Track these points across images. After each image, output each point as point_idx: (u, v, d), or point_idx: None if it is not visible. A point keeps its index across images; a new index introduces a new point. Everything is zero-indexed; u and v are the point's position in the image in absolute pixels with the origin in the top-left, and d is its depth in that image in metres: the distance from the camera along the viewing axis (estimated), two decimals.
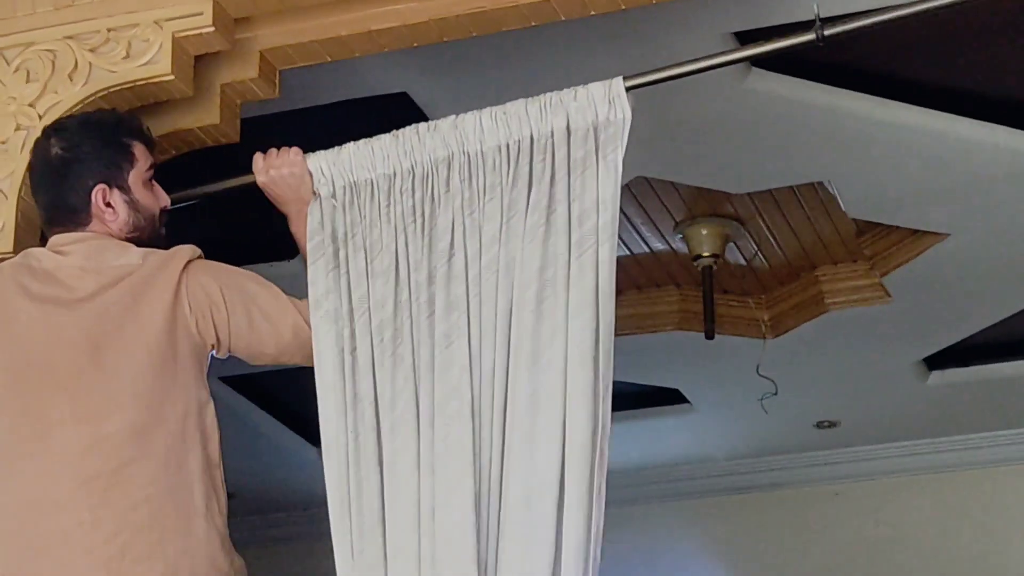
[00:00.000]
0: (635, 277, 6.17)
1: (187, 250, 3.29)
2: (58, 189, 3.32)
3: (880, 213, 5.56)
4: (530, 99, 3.29)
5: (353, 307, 3.26)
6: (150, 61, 3.46)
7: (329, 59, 3.65)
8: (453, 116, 3.34)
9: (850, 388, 6.88)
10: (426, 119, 4.61)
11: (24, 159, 3.44)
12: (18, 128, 3.48)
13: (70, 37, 3.51)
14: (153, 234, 3.36)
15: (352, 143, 3.40)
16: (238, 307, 3.25)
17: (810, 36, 3.33)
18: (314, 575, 4.14)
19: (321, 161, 3.41)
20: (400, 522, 3.10)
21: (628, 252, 5.93)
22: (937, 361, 6.76)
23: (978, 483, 7.47)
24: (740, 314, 6.31)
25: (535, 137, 3.28)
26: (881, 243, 5.88)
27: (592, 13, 3.54)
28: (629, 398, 6.85)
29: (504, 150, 3.29)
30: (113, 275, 3.23)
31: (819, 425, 7.29)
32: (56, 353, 3.17)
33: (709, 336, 5.82)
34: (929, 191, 5.28)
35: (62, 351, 3.17)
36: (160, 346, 3.18)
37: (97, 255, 3.26)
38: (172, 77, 3.44)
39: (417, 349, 3.20)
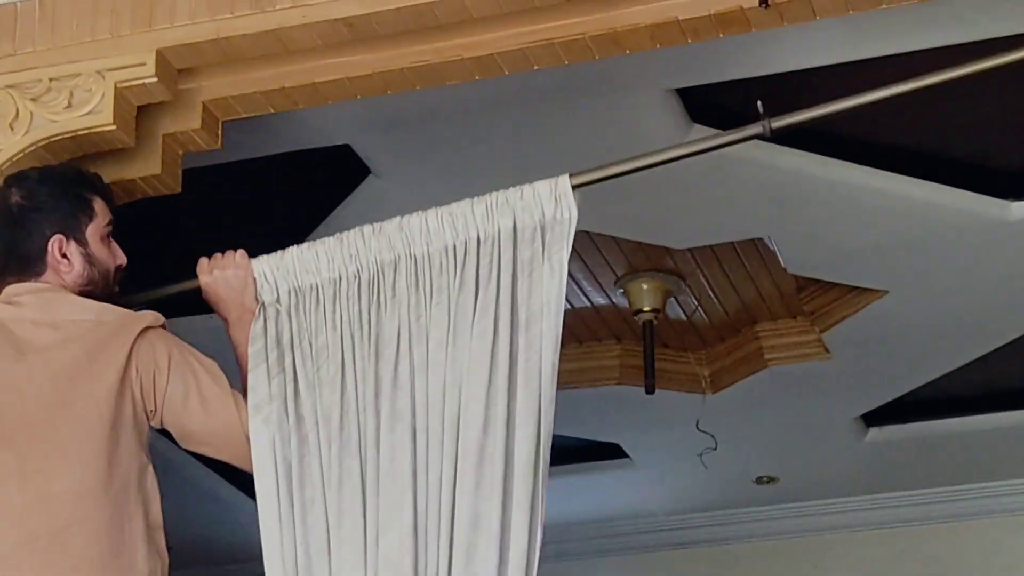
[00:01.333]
0: (576, 331, 6.17)
1: (149, 316, 3.26)
2: (14, 237, 3.30)
3: (820, 270, 5.59)
4: (476, 199, 3.27)
5: (301, 415, 3.22)
6: (92, 111, 3.44)
7: (272, 111, 3.65)
8: (399, 218, 3.30)
9: (789, 444, 6.90)
10: (368, 172, 4.71)
11: None
12: None
13: (11, 86, 3.49)
14: (107, 290, 3.34)
15: (295, 247, 3.37)
16: (178, 380, 3.21)
17: (757, 130, 3.35)
18: None
19: (264, 265, 3.37)
20: None
21: (569, 306, 5.94)
22: (876, 417, 6.80)
23: (916, 539, 7.49)
24: (680, 369, 6.32)
25: (481, 238, 3.24)
26: (820, 299, 5.91)
27: (535, 67, 3.55)
28: (569, 452, 6.84)
29: (451, 252, 3.25)
30: (68, 330, 3.20)
31: (759, 480, 7.30)
32: (5, 408, 3.13)
33: (649, 391, 5.83)
34: (868, 248, 5.32)
35: (11, 406, 3.13)
36: (109, 408, 3.14)
37: (52, 307, 3.24)
38: (114, 127, 3.43)
39: (364, 464, 3.15)
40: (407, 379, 3.18)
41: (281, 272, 3.35)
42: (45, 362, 3.17)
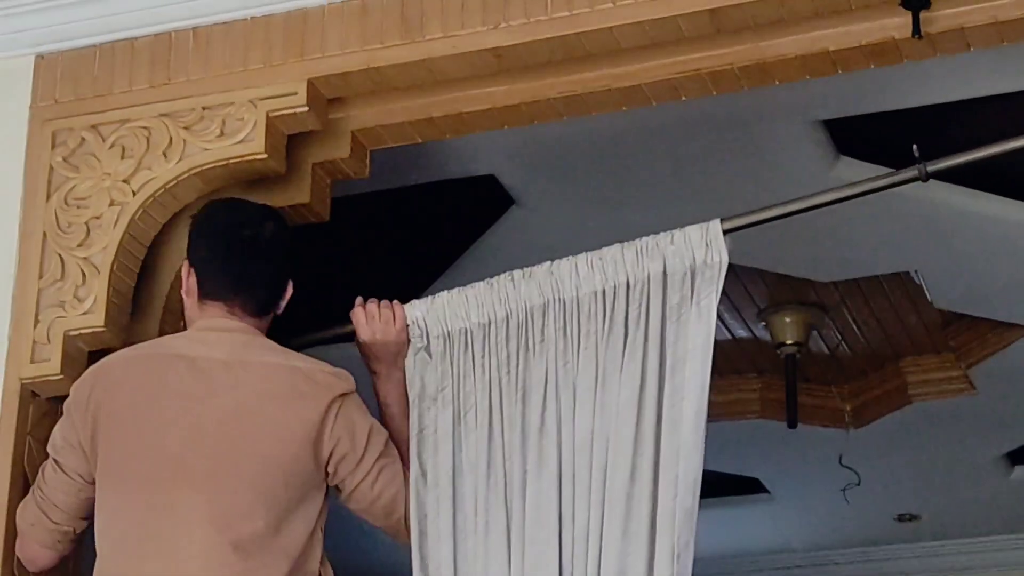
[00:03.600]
0: (718, 364, 6.09)
1: (347, 380, 3.22)
2: (261, 268, 3.29)
3: (967, 304, 5.51)
4: (626, 244, 3.23)
5: (438, 468, 3.21)
6: (244, 139, 3.47)
7: (420, 140, 3.67)
8: (548, 263, 3.27)
9: (932, 481, 6.81)
10: (512, 202, 4.72)
11: (118, 234, 3.46)
12: (112, 203, 3.50)
13: (165, 115, 3.53)
14: None
15: (446, 292, 3.35)
16: (369, 458, 3.20)
17: (912, 174, 3.29)
18: None
19: (416, 311, 3.35)
20: None
21: None
22: (1021, 456, 6.68)
23: None
24: (822, 403, 6.26)
25: (631, 283, 3.20)
26: (967, 334, 5.84)
27: (683, 98, 3.54)
28: (709, 486, 6.76)
29: (600, 296, 3.21)
30: (259, 371, 3.19)
31: (900, 518, 7.21)
32: (193, 451, 3.12)
33: (791, 425, 5.78)
34: (1017, 283, 5.23)
35: (199, 449, 3.12)
36: (297, 464, 3.13)
37: (243, 350, 3.21)
38: (265, 155, 3.45)
39: (510, 513, 3.13)
40: (554, 425, 3.15)
41: (432, 316, 3.33)
42: (235, 406, 3.15)
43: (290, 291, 3.33)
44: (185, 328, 3.35)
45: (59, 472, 3.23)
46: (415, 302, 3.36)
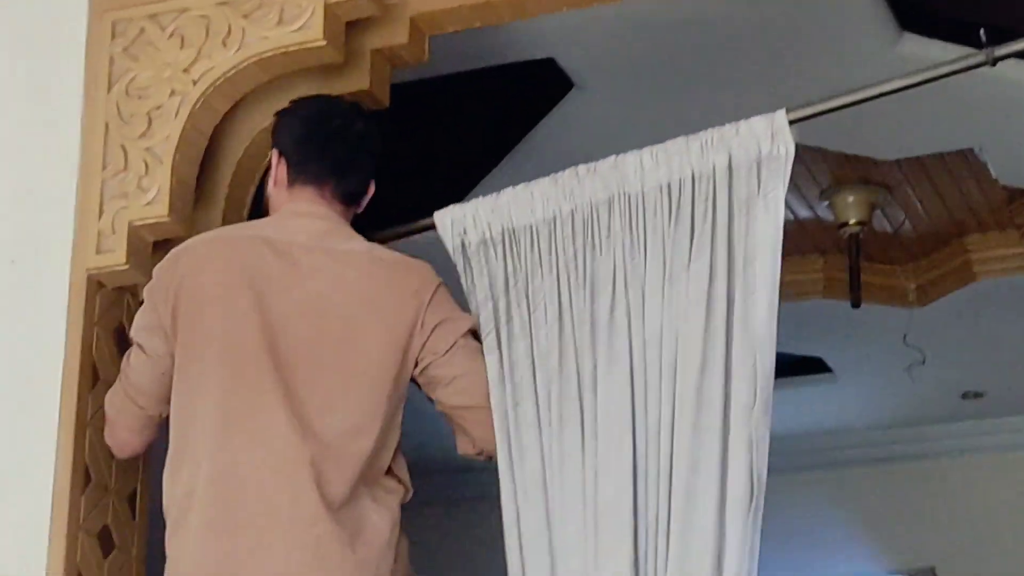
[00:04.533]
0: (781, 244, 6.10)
1: (434, 275, 3.26)
2: (354, 156, 3.34)
3: None
4: (691, 136, 3.18)
5: (514, 361, 3.22)
6: (303, 27, 3.45)
7: (479, 25, 3.64)
8: (612, 157, 3.23)
9: (997, 358, 6.77)
10: (572, 86, 4.69)
11: (179, 124, 3.47)
12: (172, 94, 3.51)
13: (224, 3, 3.52)
14: None
15: (510, 188, 3.33)
16: (457, 361, 3.23)
17: (980, 59, 3.24)
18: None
19: (480, 207, 3.35)
20: None
21: None
22: None
23: None
24: (886, 282, 6.24)
25: (696, 176, 3.16)
26: None
27: None
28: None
29: (665, 190, 3.18)
30: (344, 260, 3.21)
31: (965, 396, 7.19)
32: (275, 336, 3.14)
33: (855, 304, 5.76)
34: None
35: (282, 334, 3.14)
36: (383, 355, 3.16)
37: (327, 236, 3.24)
38: (324, 43, 3.44)
39: (583, 407, 3.14)
40: (623, 321, 3.14)
41: (496, 213, 3.33)
42: (318, 290, 3.17)
43: (372, 191, 3.36)
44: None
45: (143, 356, 3.26)
46: (479, 198, 3.36)
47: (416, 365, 3.22)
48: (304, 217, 3.27)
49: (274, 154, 3.37)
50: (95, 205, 3.50)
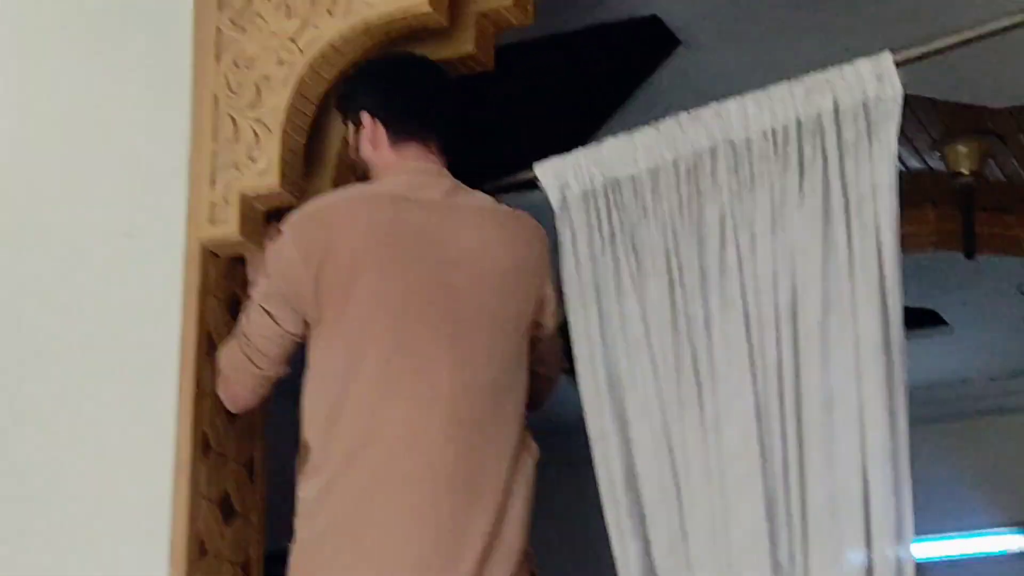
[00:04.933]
0: None
1: (542, 230, 3.33)
2: (450, 106, 3.40)
3: None
4: (794, 81, 3.16)
5: (625, 315, 3.23)
6: None
7: None
8: (715, 104, 3.22)
9: None
10: (678, 43, 4.66)
11: (287, 93, 3.49)
12: (280, 63, 3.52)
13: None
14: None
15: (611, 138, 3.33)
16: (545, 342, 3.35)
17: None
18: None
19: (582, 158, 3.35)
20: (699, 535, 3.08)
21: None
22: None
23: None
24: (1001, 232, 6.14)
25: (802, 120, 3.13)
26: None
27: None
28: None
29: (770, 136, 3.15)
30: (477, 216, 3.27)
31: None
32: (436, 292, 3.17)
33: (969, 256, 5.69)
34: None
35: (442, 290, 3.17)
36: (526, 310, 3.25)
37: (455, 193, 3.29)
38: (429, 8, 3.43)
39: (697, 355, 3.14)
40: (734, 266, 3.13)
41: (598, 164, 3.32)
42: (467, 246, 3.22)
43: None
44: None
45: (269, 321, 3.25)
46: (580, 149, 3.35)
47: (534, 322, 3.29)
48: (425, 174, 3.30)
49: (364, 117, 3.36)
50: (207, 176, 3.54)
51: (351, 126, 3.41)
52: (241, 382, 3.36)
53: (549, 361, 3.37)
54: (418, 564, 3.04)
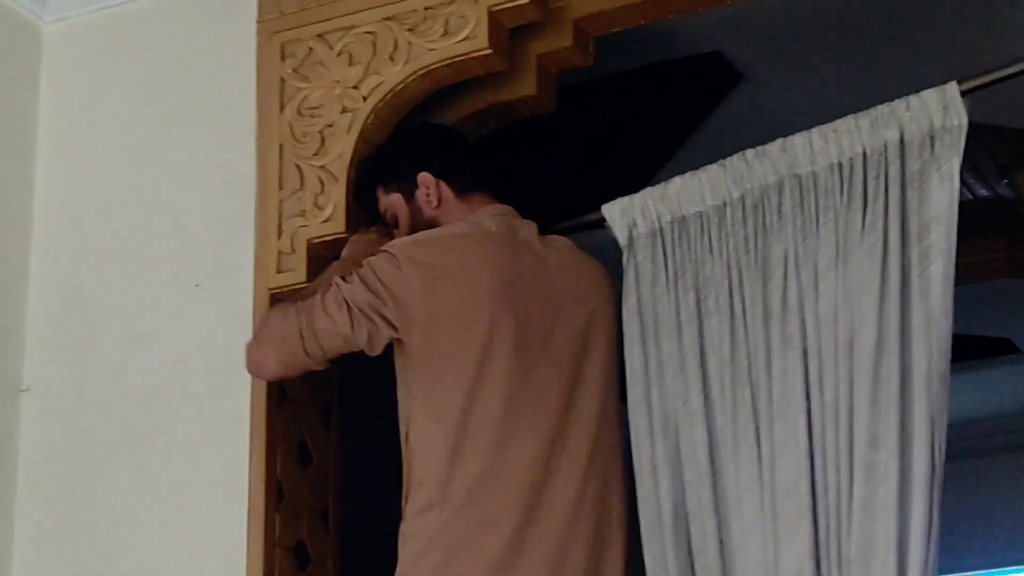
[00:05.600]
0: (960, 225, 5.99)
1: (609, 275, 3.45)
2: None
3: None
4: (860, 114, 3.15)
5: (684, 353, 3.23)
6: (467, 36, 3.47)
7: (643, 23, 3.62)
8: (781, 140, 3.22)
9: None
10: (740, 78, 4.65)
11: (351, 140, 3.51)
12: (344, 111, 3.55)
13: (389, 18, 3.55)
14: None
15: (679, 176, 3.34)
16: None
17: None
18: None
19: (649, 196, 3.36)
20: (749, 570, 3.07)
21: None
22: None
23: None
24: None
25: (868, 153, 3.12)
26: None
27: None
28: (957, 349, 6.67)
29: (836, 169, 3.15)
30: (573, 259, 3.38)
31: None
32: (552, 327, 3.26)
33: None
34: None
35: (555, 326, 3.26)
36: (613, 354, 3.35)
37: (536, 234, 3.38)
38: (490, 51, 3.45)
39: (756, 392, 3.14)
40: (796, 302, 3.12)
41: (665, 202, 3.33)
42: (570, 285, 3.33)
43: None
44: None
45: (348, 322, 3.23)
46: (648, 189, 3.35)
47: None
48: (510, 215, 3.37)
49: (424, 178, 3.39)
50: (274, 225, 3.56)
51: (396, 195, 3.42)
52: (280, 356, 3.30)
53: None
54: None
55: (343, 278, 3.26)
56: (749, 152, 3.26)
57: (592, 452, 3.22)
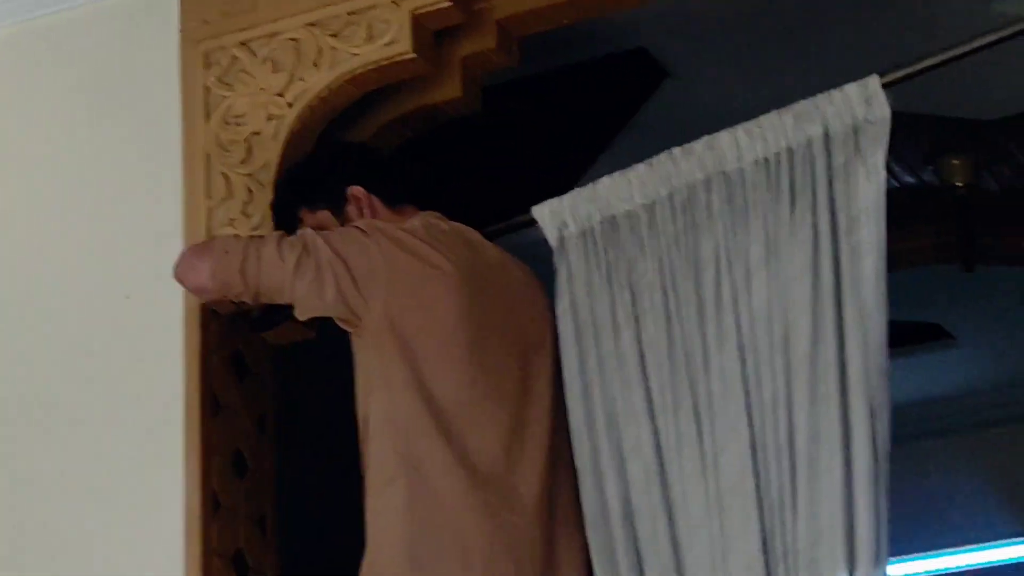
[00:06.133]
0: (887, 214, 6.04)
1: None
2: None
3: None
4: (784, 109, 3.18)
5: (622, 353, 3.24)
6: (391, 41, 3.46)
7: (566, 23, 3.63)
8: (707, 137, 3.24)
9: None
10: (666, 75, 4.67)
11: (278, 148, 3.50)
12: (270, 118, 3.54)
13: (312, 24, 3.54)
14: None
15: (607, 176, 3.35)
16: None
17: None
18: None
19: (578, 197, 3.37)
20: (697, 570, 3.08)
21: None
22: None
23: None
24: (999, 243, 6.15)
25: (793, 148, 3.15)
26: None
27: None
28: (891, 336, 6.72)
29: (763, 165, 3.17)
30: (509, 261, 3.40)
31: None
32: (506, 318, 3.28)
33: (968, 268, 5.70)
34: None
35: (508, 319, 3.28)
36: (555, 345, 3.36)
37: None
38: (414, 55, 3.46)
39: (695, 389, 3.15)
40: (729, 299, 3.14)
41: (595, 203, 3.33)
42: (517, 288, 3.36)
43: None
44: None
45: (294, 259, 3.20)
46: (577, 189, 3.36)
47: None
48: (439, 220, 3.36)
49: (355, 192, 3.38)
50: (202, 234, 3.54)
51: (324, 212, 3.40)
52: (215, 267, 3.28)
53: None
54: None
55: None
56: (676, 150, 3.27)
57: (551, 442, 3.23)
